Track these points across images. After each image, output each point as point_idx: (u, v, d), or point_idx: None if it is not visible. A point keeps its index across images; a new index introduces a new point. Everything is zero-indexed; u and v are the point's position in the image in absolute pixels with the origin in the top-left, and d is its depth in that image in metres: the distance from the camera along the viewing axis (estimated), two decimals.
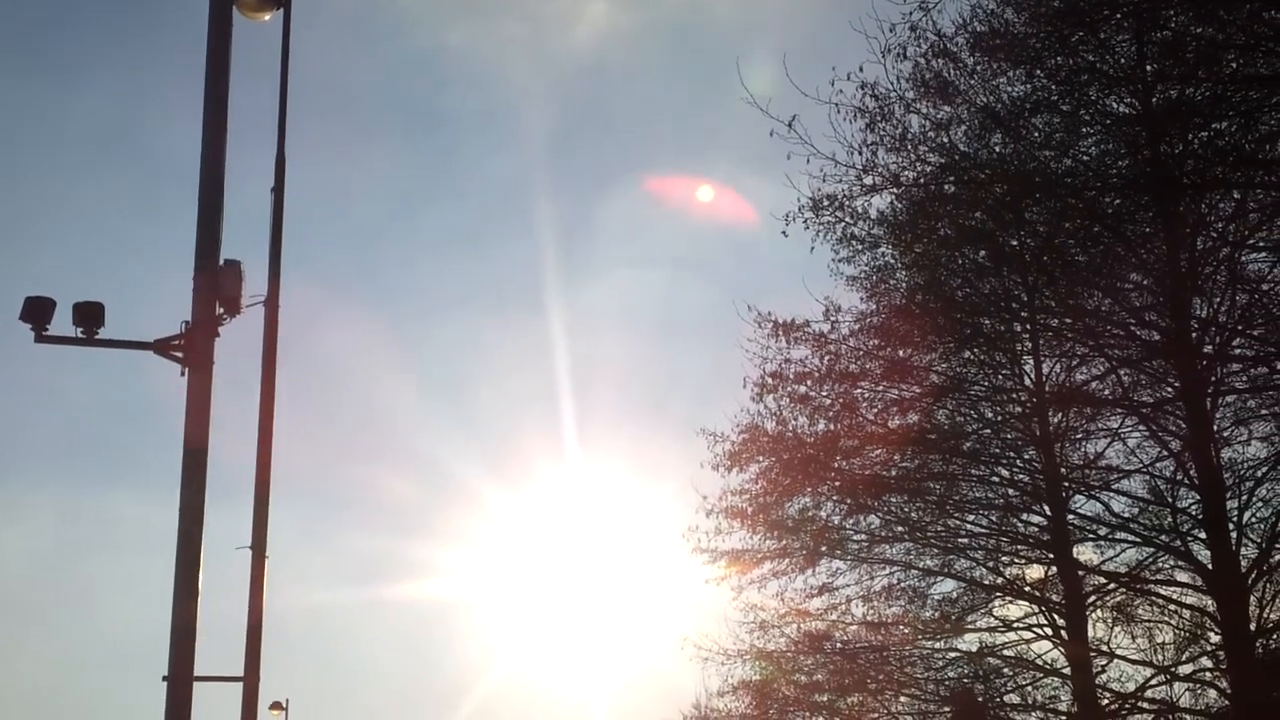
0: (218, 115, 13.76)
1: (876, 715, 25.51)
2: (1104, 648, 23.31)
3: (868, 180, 19.98)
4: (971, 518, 24.50)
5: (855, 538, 24.79)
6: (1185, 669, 23.14)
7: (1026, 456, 23.88)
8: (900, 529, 24.62)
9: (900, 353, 23.33)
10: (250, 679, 14.16)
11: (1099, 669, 23.16)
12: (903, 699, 25.33)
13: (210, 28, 14.03)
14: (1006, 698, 24.56)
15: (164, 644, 12.70)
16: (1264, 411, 21.87)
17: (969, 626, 24.84)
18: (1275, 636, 21.80)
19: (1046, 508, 23.36)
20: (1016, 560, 24.75)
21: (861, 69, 19.19)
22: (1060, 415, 23.41)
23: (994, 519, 24.51)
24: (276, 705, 38.38)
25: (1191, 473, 21.46)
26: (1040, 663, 23.86)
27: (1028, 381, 23.75)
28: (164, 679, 12.61)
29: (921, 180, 20.40)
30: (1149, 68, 19.53)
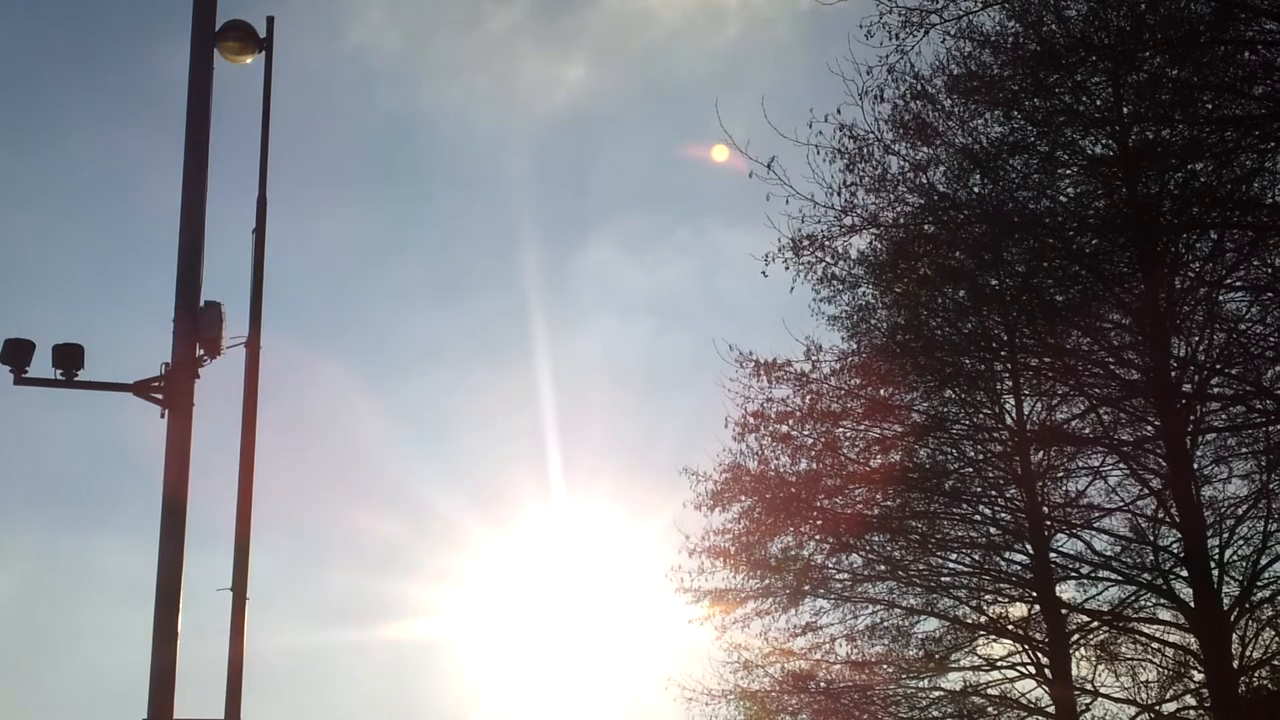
0: (199, 153, 13.86)
1: None
2: (1088, 686, 23.31)
3: (847, 221, 20.11)
4: (954, 556, 24.51)
5: (838, 577, 24.77)
6: (1169, 707, 23.13)
7: (1008, 495, 23.93)
8: (883, 568, 24.60)
9: (881, 392, 23.37)
10: None
11: (1083, 708, 23.14)
12: None
13: (191, 70, 14.14)
14: None
15: (144, 688, 12.66)
16: (1243, 449, 21.93)
17: (953, 665, 24.80)
18: (1258, 674, 21.83)
19: (1028, 546, 23.40)
20: (999, 599, 24.77)
21: (839, 111, 19.34)
22: (1041, 454, 23.47)
23: (976, 557, 24.52)
24: None
25: (1172, 511, 21.51)
26: (1024, 701, 23.80)
27: (1009, 420, 23.84)
28: None
29: (901, 220, 20.52)
30: (1125, 109, 19.74)
